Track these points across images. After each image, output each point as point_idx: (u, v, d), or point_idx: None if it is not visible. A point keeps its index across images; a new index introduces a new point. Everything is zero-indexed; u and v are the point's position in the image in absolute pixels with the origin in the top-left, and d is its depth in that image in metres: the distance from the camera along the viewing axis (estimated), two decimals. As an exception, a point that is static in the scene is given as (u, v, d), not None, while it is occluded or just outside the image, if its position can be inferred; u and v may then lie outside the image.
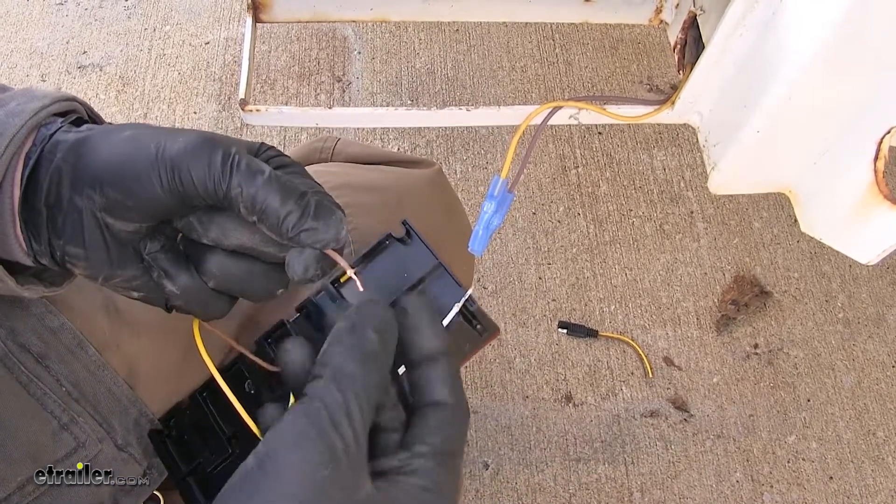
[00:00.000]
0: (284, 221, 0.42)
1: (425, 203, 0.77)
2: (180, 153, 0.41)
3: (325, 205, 0.43)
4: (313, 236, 0.43)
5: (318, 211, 0.43)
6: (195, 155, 0.41)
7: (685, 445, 1.24)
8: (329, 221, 0.43)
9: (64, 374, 0.57)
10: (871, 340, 1.34)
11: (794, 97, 0.46)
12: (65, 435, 0.56)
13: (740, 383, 1.29)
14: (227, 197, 0.42)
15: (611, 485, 1.20)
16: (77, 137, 0.44)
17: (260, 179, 0.42)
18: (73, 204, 0.43)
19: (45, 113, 0.45)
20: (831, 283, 1.38)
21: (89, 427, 0.57)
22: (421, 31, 1.56)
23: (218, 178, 0.41)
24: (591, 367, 1.28)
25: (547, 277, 1.35)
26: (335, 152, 0.76)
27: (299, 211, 0.42)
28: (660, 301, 1.34)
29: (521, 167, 0.53)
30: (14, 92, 0.46)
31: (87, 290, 0.61)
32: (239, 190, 0.41)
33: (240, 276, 0.45)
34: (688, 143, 1.47)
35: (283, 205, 0.42)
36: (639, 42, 1.58)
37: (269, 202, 0.42)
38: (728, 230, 1.41)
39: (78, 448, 0.56)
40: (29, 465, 0.54)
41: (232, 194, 0.41)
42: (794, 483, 1.22)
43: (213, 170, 0.41)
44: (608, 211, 1.41)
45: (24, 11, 1.57)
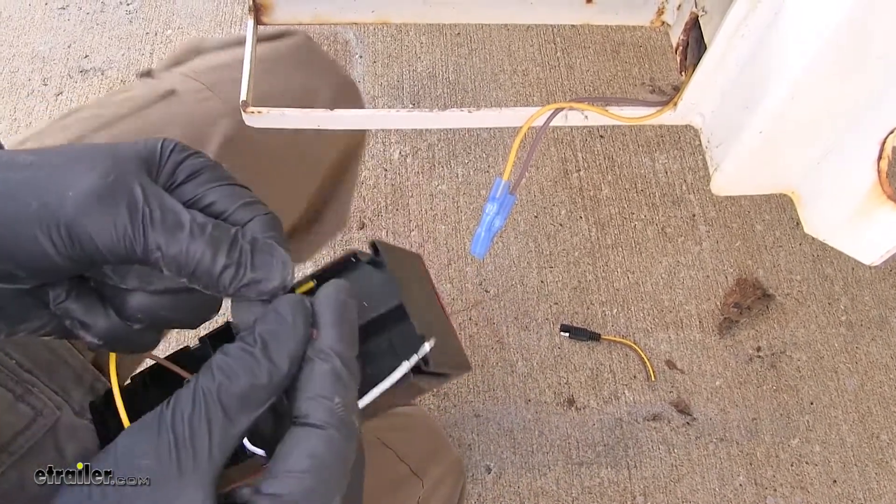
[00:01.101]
0: (220, 280, 0.36)
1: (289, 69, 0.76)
2: (75, 215, 0.33)
3: (263, 248, 0.37)
4: (256, 289, 0.36)
5: (256, 259, 0.36)
6: (94, 215, 0.33)
7: (688, 449, 1.23)
8: (270, 268, 0.37)
9: (11, 346, 0.55)
10: (875, 343, 1.34)
11: (797, 98, 0.46)
12: (21, 406, 0.55)
13: (743, 386, 1.29)
14: (146, 259, 0.35)
15: (613, 489, 1.20)
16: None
17: (181, 234, 0.35)
18: None
19: None
20: (834, 286, 1.38)
21: (45, 396, 0.57)
22: (422, 34, 1.56)
23: (129, 242, 0.34)
24: (594, 370, 1.28)
25: (549, 281, 1.35)
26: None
27: (234, 265, 0.36)
28: (662, 304, 1.34)
29: (523, 169, 0.52)
30: None
31: None
32: (159, 254, 0.35)
33: (168, 314, 0.39)
34: (689, 146, 1.47)
35: (213, 261, 0.35)
36: (640, 45, 1.58)
37: (198, 260, 0.35)
38: (730, 233, 1.41)
39: (37, 417, 0.56)
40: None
41: (151, 258, 0.35)
42: (798, 486, 1.22)
43: (120, 232, 0.34)
44: (610, 214, 1.41)
45: (26, 16, 1.57)
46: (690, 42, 0.55)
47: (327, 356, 0.35)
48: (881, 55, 0.43)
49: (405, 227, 1.37)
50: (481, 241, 0.53)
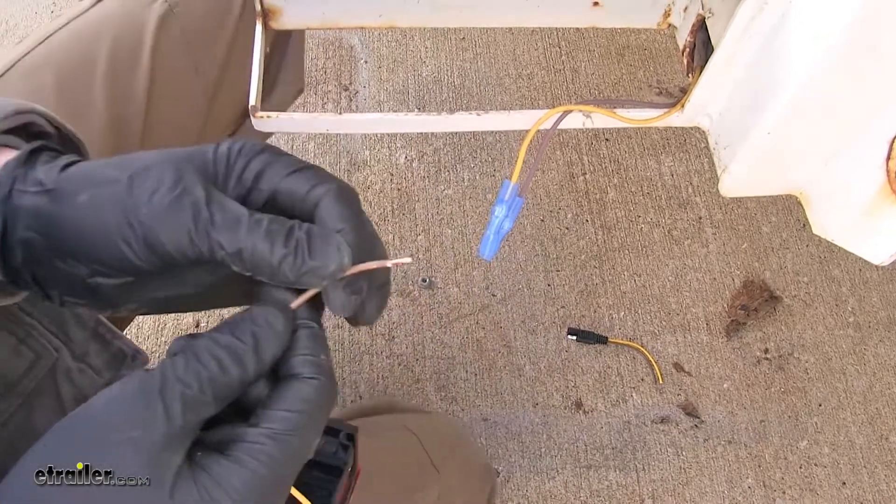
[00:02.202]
0: (280, 270, 0.39)
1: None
2: (150, 225, 0.38)
3: (318, 235, 0.40)
4: (315, 275, 0.39)
5: (313, 247, 0.39)
6: (164, 224, 0.38)
7: (696, 451, 1.23)
8: (327, 254, 0.39)
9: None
10: (883, 344, 1.33)
11: (805, 98, 0.46)
12: (23, 348, 0.56)
13: (751, 388, 1.28)
14: (213, 258, 0.39)
15: (622, 492, 1.20)
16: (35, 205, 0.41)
17: (240, 232, 0.38)
18: (56, 267, 0.41)
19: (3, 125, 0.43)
20: (841, 287, 1.38)
21: (44, 338, 0.58)
22: (427, 39, 1.56)
23: (195, 245, 0.38)
24: (601, 373, 1.28)
25: (556, 284, 1.35)
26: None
27: (292, 254, 0.39)
28: (669, 307, 1.34)
29: (531, 172, 0.53)
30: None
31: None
32: (223, 252, 0.38)
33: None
34: (695, 149, 1.47)
35: (272, 253, 0.38)
36: (645, 48, 1.58)
37: (258, 253, 0.38)
38: (737, 235, 1.41)
39: (37, 360, 0.57)
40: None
41: (217, 256, 0.39)
42: (807, 489, 1.22)
43: (186, 236, 0.38)
44: (616, 217, 1.41)
45: (32, 24, 1.57)
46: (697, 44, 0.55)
47: (308, 324, 0.40)
48: (889, 55, 0.43)
49: (411, 232, 1.38)
50: (490, 244, 0.53)
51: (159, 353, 1.24)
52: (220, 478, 0.36)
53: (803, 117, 0.46)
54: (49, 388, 0.58)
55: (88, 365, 0.61)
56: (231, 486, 0.36)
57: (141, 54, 0.73)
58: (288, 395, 0.38)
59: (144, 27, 0.74)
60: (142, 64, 0.72)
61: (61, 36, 0.72)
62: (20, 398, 0.56)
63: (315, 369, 0.39)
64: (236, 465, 0.37)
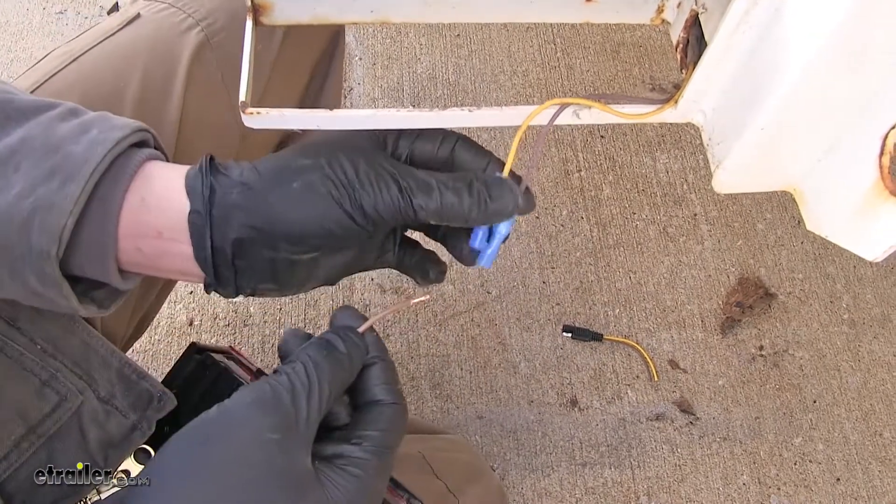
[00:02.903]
0: (470, 216, 0.48)
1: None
2: (365, 196, 0.47)
3: (494, 182, 0.49)
4: (499, 214, 0.49)
5: (492, 193, 0.48)
6: (377, 193, 0.47)
7: (691, 448, 1.23)
8: (504, 197, 0.49)
9: (37, 333, 0.58)
10: (877, 341, 1.33)
11: (799, 94, 0.45)
12: (47, 391, 0.58)
13: (746, 385, 1.28)
14: (415, 217, 0.48)
15: (617, 489, 1.20)
16: (247, 200, 0.47)
17: (434, 193, 0.47)
18: (261, 255, 0.48)
19: (126, 143, 0.46)
20: (836, 284, 1.38)
21: (69, 381, 0.59)
22: (422, 35, 1.56)
23: (403, 208, 0.47)
24: (596, 370, 1.28)
25: (551, 281, 1.35)
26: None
27: (477, 202, 0.48)
28: (664, 304, 1.34)
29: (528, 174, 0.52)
30: (92, 117, 0.48)
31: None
32: (423, 212, 0.47)
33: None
34: (690, 146, 1.47)
35: (461, 204, 0.47)
36: (640, 45, 1.58)
37: (450, 208, 0.47)
38: (732, 232, 1.41)
39: (61, 402, 0.58)
40: (19, 424, 0.56)
41: (418, 217, 0.47)
42: (802, 485, 1.22)
43: (395, 202, 0.47)
44: (611, 214, 1.41)
45: (24, 20, 1.57)
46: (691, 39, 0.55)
47: (382, 357, 0.49)
48: (883, 50, 0.42)
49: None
50: (490, 253, 0.53)
51: (153, 350, 1.23)
52: (339, 485, 0.44)
53: (797, 113, 0.46)
54: (72, 431, 0.59)
55: (115, 407, 0.61)
56: (348, 492, 0.44)
57: (173, 85, 0.70)
58: (378, 418, 0.47)
59: (179, 57, 0.71)
60: (174, 95, 0.70)
61: (92, 56, 0.69)
62: (41, 439, 0.57)
63: (394, 396, 0.48)
64: (351, 476, 0.44)
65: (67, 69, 0.67)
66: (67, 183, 0.43)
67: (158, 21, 0.73)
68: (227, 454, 0.42)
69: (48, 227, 0.43)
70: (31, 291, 0.46)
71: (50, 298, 0.47)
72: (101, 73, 0.68)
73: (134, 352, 1.21)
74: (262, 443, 0.42)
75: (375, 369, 0.49)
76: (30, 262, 0.44)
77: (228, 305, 1.28)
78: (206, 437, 0.43)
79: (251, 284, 0.50)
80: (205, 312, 1.27)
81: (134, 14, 0.73)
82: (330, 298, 1.30)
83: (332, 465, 0.45)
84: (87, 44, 0.70)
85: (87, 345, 0.61)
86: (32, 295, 0.47)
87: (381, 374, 0.49)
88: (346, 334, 0.48)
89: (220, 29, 0.74)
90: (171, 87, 0.70)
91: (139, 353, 1.23)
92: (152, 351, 1.24)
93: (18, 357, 0.57)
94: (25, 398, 0.57)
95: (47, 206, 0.43)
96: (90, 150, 0.44)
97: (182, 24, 0.72)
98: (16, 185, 0.44)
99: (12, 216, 0.43)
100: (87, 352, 0.61)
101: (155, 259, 0.48)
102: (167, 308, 1.27)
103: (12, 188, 0.44)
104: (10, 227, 0.43)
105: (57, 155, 0.44)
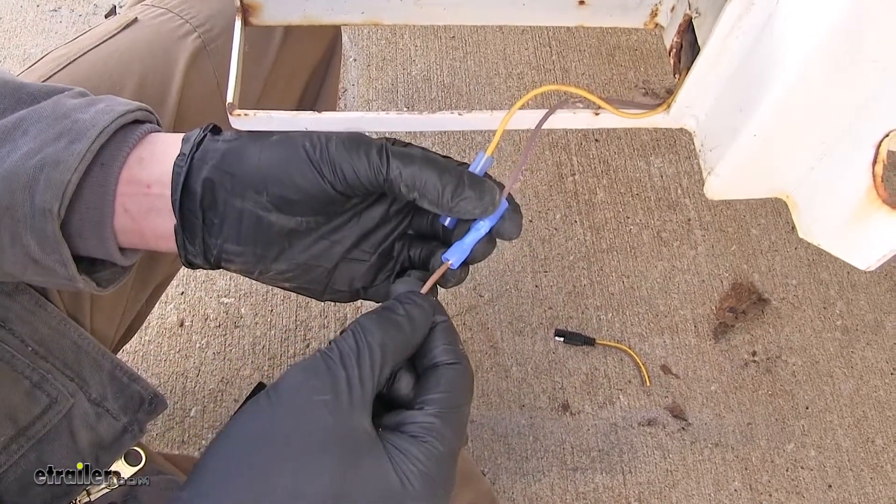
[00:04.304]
0: (444, 193, 0.47)
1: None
2: (340, 151, 0.46)
3: (476, 178, 0.48)
4: (471, 204, 0.47)
5: (472, 181, 0.48)
6: (353, 151, 0.46)
7: (683, 454, 1.23)
8: (483, 190, 0.48)
9: (28, 334, 0.58)
10: (870, 347, 1.33)
11: (791, 101, 0.45)
12: (38, 393, 0.58)
13: (738, 391, 1.28)
14: (388, 180, 0.47)
15: (608, 494, 1.19)
16: (227, 147, 0.48)
17: (416, 160, 0.47)
18: (231, 206, 0.48)
19: (132, 116, 0.49)
20: (829, 290, 1.37)
21: (60, 383, 0.59)
22: (416, 37, 1.55)
23: (377, 167, 0.46)
24: (589, 375, 1.28)
25: (544, 285, 1.34)
26: None
27: (455, 182, 0.47)
28: (657, 309, 1.34)
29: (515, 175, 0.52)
30: (100, 97, 0.51)
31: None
32: (398, 172, 0.46)
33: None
34: (685, 150, 1.47)
35: (440, 179, 0.47)
36: (635, 48, 1.57)
37: (428, 178, 0.46)
38: (726, 237, 1.40)
39: (52, 404, 0.58)
40: (9, 426, 0.56)
41: (391, 176, 0.46)
42: (793, 492, 1.21)
43: (372, 161, 0.46)
44: (605, 218, 1.41)
45: (18, 17, 1.56)
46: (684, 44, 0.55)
47: (444, 319, 0.49)
48: (875, 58, 0.42)
49: (399, 231, 1.37)
50: (461, 251, 0.51)
51: (143, 351, 1.23)
52: (404, 449, 0.43)
53: (790, 119, 0.46)
54: (63, 433, 0.59)
55: (106, 409, 0.61)
56: (414, 456, 0.43)
57: (170, 90, 0.70)
58: (439, 380, 0.46)
59: (176, 62, 0.71)
60: (170, 100, 0.70)
61: (89, 60, 0.69)
62: (31, 441, 0.57)
63: (454, 356, 0.47)
64: (415, 440, 0.43)
65: (64, 71, 0.67)
66: (74, 143, 0.45)
67: (156, 26, 0.73)
68: (276, 421, 0.42)
69: (53, 182, 0.45)
70: (30, 259, 0.47)
71: (49, 267, 0.47)
72: (98, 76, 0.68)
73: (124, 352, 1.20)
74: (310, 405, 0.42)
75: (435, 332, 0.48)
76: (31, 224, 0.45)
77: (219, 306, 1.27)
78: (258, 409, 0.43)
79: (217, 243, 0.49)
80: (196, 313, 1.26)
81: (131, 18, 0.73)
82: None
83: (396, 432, 0.44)
84: (84, 47, 0.70)
85: (79, 346, 0.61)
86: (32, 263, 0.47)
87: (440, 336, 0.48)
88: (408, 297, 0.48)
89: (217, 35, 0.73)
90: (167, 92, 0.70)
91: (129, 354, 1.22)
92: (143, 352, 1.23)
93: (9, 359, 0.57)
94: (16, 400, 0.57)
95: (53, 163, 0.45)
96: (97, 117, 0.47)
97: (179, 29, 0.72)
98: (23, 146, 0.46)
99: (18, 174, 0.45)
100: (79, 353, 0.61)
101: (141, 219, 0.49)
102: (158, 309, 1.26)
103: (19, 149, 0.46)
104: (15, 184, 0.45)
105: (66, 120, 0.47)
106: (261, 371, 1.22)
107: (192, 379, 1.21)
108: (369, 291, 0.56)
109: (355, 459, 0.42)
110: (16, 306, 0.58)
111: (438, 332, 0.48)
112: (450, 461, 0.44)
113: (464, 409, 0.46)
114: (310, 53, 0.86)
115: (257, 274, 0.51)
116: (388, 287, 0.55)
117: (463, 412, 0.46)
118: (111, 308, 0.69)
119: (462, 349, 0.48)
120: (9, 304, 0.58)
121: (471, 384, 0.47)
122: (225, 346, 1.24)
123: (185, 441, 1.17)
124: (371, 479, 0.42)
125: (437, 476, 0.43)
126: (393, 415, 0.45)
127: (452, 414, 0.45)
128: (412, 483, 0.42)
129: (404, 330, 0.46)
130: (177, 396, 1.20)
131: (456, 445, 0.45)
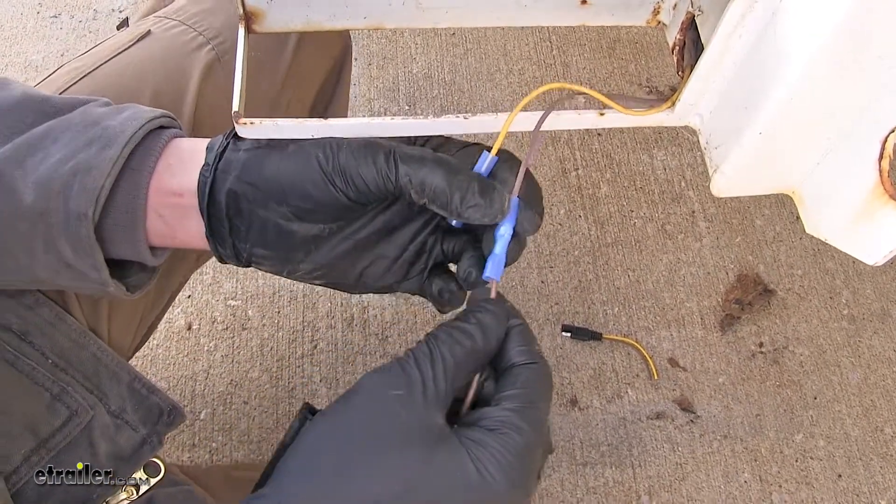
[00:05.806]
0: (452, 200, 0.47)
1: None
2: (349, 160, 0.47)
3: (488, 184, 0.48)
4: (480, 211, 0.48)
5: (482, 188, 0.48)
6: (361, 158, 0.47)
7: (692, 447, 1.23)
8: (492, 197, 0.48)
9: (48, 347, 0.59)
10: (877, 336, 1.33)
11: (797, 98, 0.45)
12: (58, 405, 0.58)
13: (746, 383, 1.28)
14: (397, 186, 0.47)
15: (618, 488, 1.19)
16: (247, 157, 0.49)
17: (426, 164, 0.47)
18: (255, 215, 0.49)
19: (157, 122, 0.50)
20: (835, 280, 1.37)
21: (79, 395, 0.59)
22: (417, 35, 1.55)
23: (385, 174, 0.47)
24: (596, 370, 1.28)
25: (549, 281, 1.34)
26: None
27: (462, 190, 0.47)
28: (663, 302, 1.34)
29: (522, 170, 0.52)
30: (125, 105, 0.52)
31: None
32: (407, 179, 0.47)
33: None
34: (688, 143, 1.47)
35: (449, 186, 0.47)
36: (636, 42, 1.57)
37: (437, 183, 0.47)
38: (730, 229, 1.40)
39: (72, 417, 0.59)
40: (29, 438, 0.57)
41: (401, 182, 0.47)
42: (803, 482, 1.22)
43: (380, 167, 0.47)
44: (609, 212, 1.41)
45: (18, 25, 1.56)
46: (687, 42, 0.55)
47: (518, 323, 0.50)
48: (881, 54, 0.42)
49: (404, 230, 1.37)
50: (497, 262, 0.51)
51: (152, 355, 1.23)
52: (480, 440, 0.44)
53: (795, 118, 0.46)
54: (82, 445, 0.59)
55: (125, 421, 0.62)
56: (490, 446, 0.43)
57: (184, 102, 0.70)
58: (515, 379, 0.47)
59: (190, 74, 0.71)
60: (184, 112, 0.70)
61: (103, 72, 0.69)
62: (51, 453, 0.58)
63: (529, 356, 0.48)
64: (491, 431, 0.44)
65: (79, 84, 0.67)
66: (106, 149, 0.47)
67: (169, 38, 0.73)
68: (352, 418, 0.44)
69: (87, 187, 0.46)
70: (63, 264, 0.48)
71: (81, 271, 0.49)
72: (112, 89, 0.68)
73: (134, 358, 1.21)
74: (384, 400, 0.44)
75: (510, 335, 0.49)
76: (66, 229, 0.47)
77: (227, 309, 1.27)
78: (333, 410, 0.45)
79: (246, 247, 0.51)
80: (203, 316, 1.27)
81: (145, 31, 0.73)
82: (328, 300, 1.29)
83: (472, 426, 0.45)
84: (99, 59, 0.70)
85: (98, 359, 0.61)
86: (65, 268, 0.49)
87: (516, 339, 0.49)
88: (480, 305, 0.49)
89: (231, 47, 0.74)
90: (182, 104, 0.70)
91: (138, 359, 1.22)
92: (151, 356, 1.23)
93: (30, 371, 0.58)
94: (36, 412, 0.57)
95: (86, 169, 0.46)
96: (126, 124, 0.48)
97: (193, 41, 0.73)
98: (55, 154, 0.47)
99: (52, 181, 0.46)
100: (98, 366, 0.61)
101: (175, 225, 0.51)
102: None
103: (52, 157, 0.47)
104: (49, 191, 0.46)
105: (96, 127, 0.48)
106: (269, 373, 1.22)
107: (200, 382, 1.22)
108: (403, 285, 0.57)
109: (429, 451, 0.43)
110: (36, 319, 0.58)
111: (514, 335, 0.49)
112: (527, 456, 0.45)
113: (541, 406, 0.47)
114: (324, 59, 0.86)
115: (286, 273, 0.53)
116: (421, 280, 0.57)
117: (540, 409, 0.46)
118: (129, 319, 0.69)
119: (539, 349, 0.49)
120: (29, 317, 0.58)
121: (548, 383, 0.48)
122: (233, 349, 1.24)
123: (196, 444, 1.17)
124: (447, 470, 0.43)
125: (514, 467, 0.44)
126: (469, 414, 0.47)
127: (528, 409, 0.45)
128: (490, 472, 0.43)
129: (475, 336, 0.47)
130: (186, 400, 1.20)
131: (534, 440, 0.45)
